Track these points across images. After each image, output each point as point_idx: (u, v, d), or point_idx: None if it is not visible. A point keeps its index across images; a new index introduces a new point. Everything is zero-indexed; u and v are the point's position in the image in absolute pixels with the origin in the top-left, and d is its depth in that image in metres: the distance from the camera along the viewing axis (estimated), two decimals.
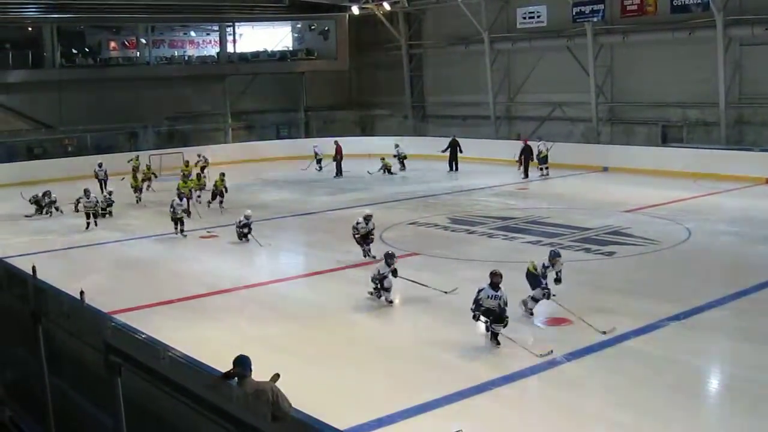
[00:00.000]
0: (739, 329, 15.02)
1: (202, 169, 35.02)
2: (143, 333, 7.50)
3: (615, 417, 11.15)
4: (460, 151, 39.77)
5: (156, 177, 35.26)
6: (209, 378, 5.74)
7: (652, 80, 37.53)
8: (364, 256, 20.52)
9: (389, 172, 38.62)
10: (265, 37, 51.04)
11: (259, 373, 8.58)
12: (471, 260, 20.13)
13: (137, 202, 31.48)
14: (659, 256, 20.66)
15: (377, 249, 20.91)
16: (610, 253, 20.90)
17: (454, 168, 39.73)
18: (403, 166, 39.57)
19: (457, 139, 40.27)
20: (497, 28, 43.65)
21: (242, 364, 8.29)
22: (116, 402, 6.12)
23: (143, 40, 47.11)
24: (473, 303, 14.07)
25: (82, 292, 8.31)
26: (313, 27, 51.51)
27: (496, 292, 13.93)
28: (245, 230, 23.23)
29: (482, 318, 14.08)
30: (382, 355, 14.05)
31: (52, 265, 20.71)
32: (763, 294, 16.68)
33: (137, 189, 31.99)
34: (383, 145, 42.44)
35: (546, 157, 36.20)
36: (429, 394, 11.78)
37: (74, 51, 45.08)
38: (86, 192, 26.88)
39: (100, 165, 33.80)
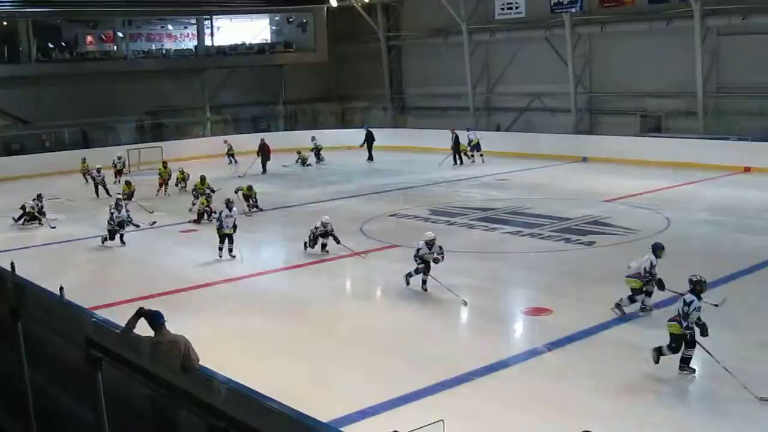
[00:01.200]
0: (718, 317, 15.07)
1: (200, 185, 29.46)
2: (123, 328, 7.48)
3: (596, 406, 11.20)
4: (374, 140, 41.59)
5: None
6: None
7: (630, 70, 37.61)
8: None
9: (305, 164, 39.57)
10: (243, 30, 50.80)
11: (240, 365, 8.57)
12: (452, 251, 20.14)
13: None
14: (639, 245, 20.71)
15: (357, 241, 20.96)
16: (590, 243, 20.99)
17: (370, 158, 41.00)
18: (319, 159, 40.41)
19: (371, 130, 41.90)
20: (476, 20, 43.63)
21: (155, 314, 8.98)
22: (97, 397, 6.09)
23: (120, 34, 46.82)
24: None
25: (61, 288, 8.27)
26: (291, 19, 51.34)
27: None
28: (322, 238, 20.58)
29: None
30: (363, 347, 14.05)
31: (32, 261, 20.60)
32: (742, 282, 16.80)
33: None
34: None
35: (478, 144, 38.12)
36: (411, 385, 11.80)
37: (50, 45, 44.69)
38: (118, 204, 23.09)
39: (98, 170, 32.05)
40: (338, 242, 20.19)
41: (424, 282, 16.75)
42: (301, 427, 4.60)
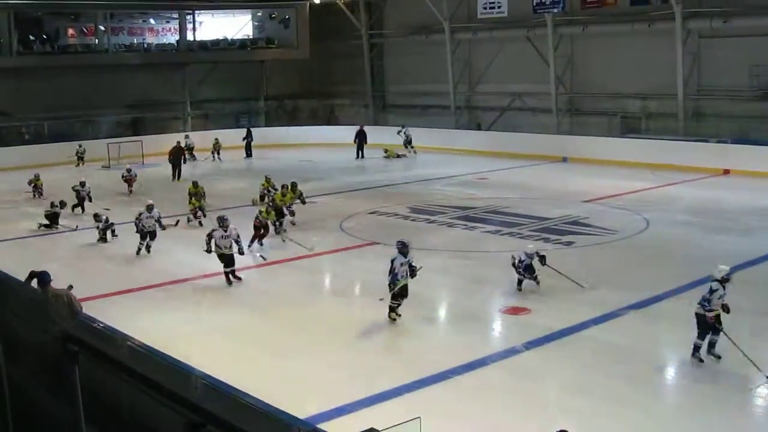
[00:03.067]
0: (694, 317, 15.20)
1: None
2: (101, 322, 7.47)
3: (573, 404, 11.26)
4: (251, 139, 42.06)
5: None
6: (165, 366, 5.73)
7: (611, 71, 37.76)
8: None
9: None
10: (225, 25, 50.61)
11: (217, 361, 8.56)
12: (431, 249, 20.17)
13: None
14: (617, 245, 20.86)
15: (336, 237, 21.00)
16: (569, 243, 21.06)
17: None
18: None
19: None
20: (458, 18, 43.66)
21: (42, 274, 10.52)
22: (74, 391, 6.08)
23: (102, 27, 46.49)
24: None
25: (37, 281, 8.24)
26: (273, 15, 51.19)
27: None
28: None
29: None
30: (341, 344, 14.05)
31: (10, 253, 20.52)
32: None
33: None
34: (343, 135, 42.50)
35: (410, 139, 40.65)
36: (388, 383, 11.84)
37: (32, 38, 44.36)
38: (149, 207, 21.37)
39: (83, 184, 28.18)
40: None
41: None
42: (278, 423, 4.61)
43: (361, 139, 41.12)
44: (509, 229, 22.93)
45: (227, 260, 17.85)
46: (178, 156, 34.55)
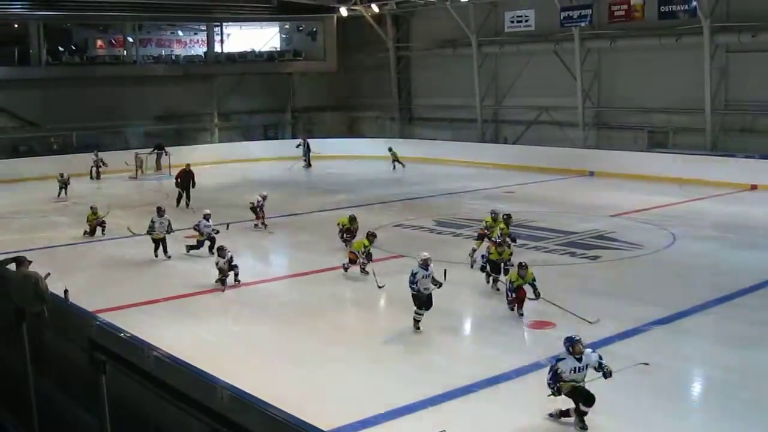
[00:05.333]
0: (722, 334, 15.12)
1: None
2: (128, 332, 7.50)
3: (598, 420, 11.19)
4: (165, 153, 40.75)
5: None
6: (190, 376, 5.76)
7: (638, 85, 37.67)
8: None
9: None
10: (253, 37, 50.98)
11: (243, 371, 8.56)
12: (456, 263, 20.14)
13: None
14: (644, 260, 20.74)
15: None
16: (595, 257, 20.97)
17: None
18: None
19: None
20: (485, 32, 43.74)
21: (18, 257, 11.35)
22: (100, 400, 6.13)
23: (130, 39, 46.96)
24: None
25: (66, 291, 8.31)
26: (301, 28, 51.49)
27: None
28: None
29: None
30: (365, 356, 14.05)
31: (37, 264, 20.62)
32: (746, 299, 16.78)
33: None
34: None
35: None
36: (412, 396, 11.81)
37: (61, 49, 44.87)
38: (160, 210, 21.87)
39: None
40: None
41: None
42: None
43: (307, 149, 42.57)
44: (535, 243, 22.86)
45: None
46: (186, 179, 30.83)
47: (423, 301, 15.15)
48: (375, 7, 46.76)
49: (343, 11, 47.80)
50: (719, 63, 34.96)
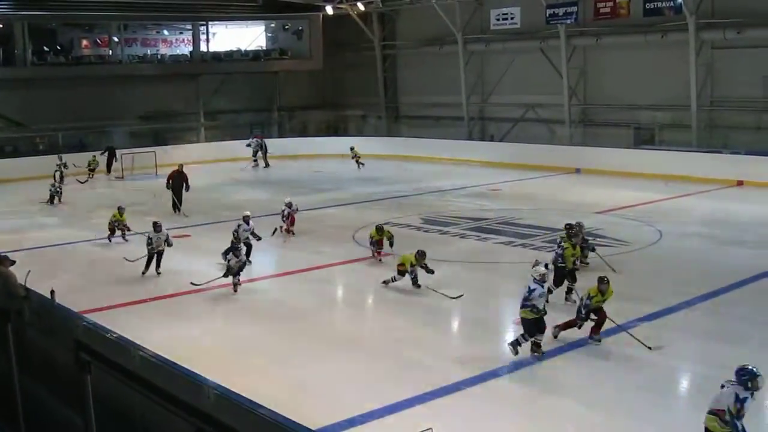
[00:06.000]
0: (709, 329, 15.16)
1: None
2: (114, 332, 7.46)
3: (586, 416, 11.22)
4: (115, 158, 39.63)
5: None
6: (177, 376, 5.73)
7: (624, 83, 37.75)
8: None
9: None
10: (239, 36, 50.85)
11: (230, 371, 8.54)
12: (444, 260, 20.13)
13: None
14: (630, 257, 20.78)
15: (348, 249, 21.00)
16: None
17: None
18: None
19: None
20: (471, 30, 43.76)
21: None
22: (86, 400, 6.10)
23: (116, 39, 46.75)
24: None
25: (52, 292, 8.27)
26: (286, 27, 51.36)
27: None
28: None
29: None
30: (353, 355, 14.04)
31: (24, 264, 20.52)
32: (733, 295, 16.84)
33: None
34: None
35: (257, 150, 42.12)
36: (401, 394, 11.80)
37: (46, 49, 44.67)
38: (156, 226, 19.93)
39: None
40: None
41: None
42: None
43: (264, 150, 42.29)
44: (522, 240, 22.90)
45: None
46: (179, 182, 28.85)
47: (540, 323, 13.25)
48: (361, 6, 46.69)
49: (329, 10, 47.75)
50: (705, 59, 35.04)
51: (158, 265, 19.85)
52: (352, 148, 40.94)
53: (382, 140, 45.17)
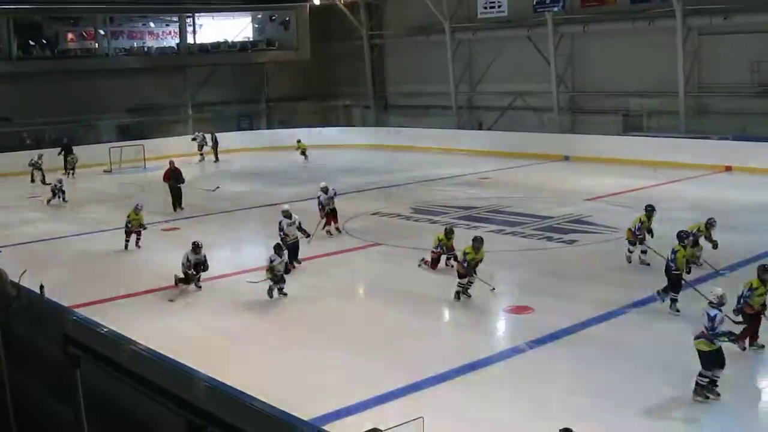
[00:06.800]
0: (696, 315, 15.15)
1: None
2: (104, 326, 7.44)
3: (577, 402, 11.24)
4: (72, 155, 38.55)
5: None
6: (167, 369, 5.71)
7: (612, 70, 37.74)
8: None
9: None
10: (226, 28, 50.59)
11: (221, 363, 8.53)
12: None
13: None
14: (620, 244, 20.79)
15: (340, 240, 20.99)
16: (572, 242, 21.03)
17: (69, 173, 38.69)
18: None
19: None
20: (458, 18, 43.68)
21: None
22: (75, 395, 6.07)
23: (102, 32, 46.46)
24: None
25: (42, 286, 8.23)
26: (273, 17, 51.15)
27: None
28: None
29: None
30: (345, 345, 14.05)
31: (13, 258, 20.48)
32: (724, 281, 16.83)
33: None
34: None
35: (203, 145, 42.00)
36: (392, 383, 11.82)
37: (31, 43, 44.39)
38: (196, 248, 17.81)
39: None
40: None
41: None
42: (281, 424, 4.59)
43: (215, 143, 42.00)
44: (512, 228, 22.92)
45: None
46: (176, 179, 27.63)
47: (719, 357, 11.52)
48: None
49: (316, 0, 47.63)
50: (692, 46, 35.11)
51: (199, 282, 17.85)
52: (298, 141, 41.05)
53: (371, 130, 45.14)
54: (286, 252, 17.35)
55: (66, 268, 20.41)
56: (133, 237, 21.65)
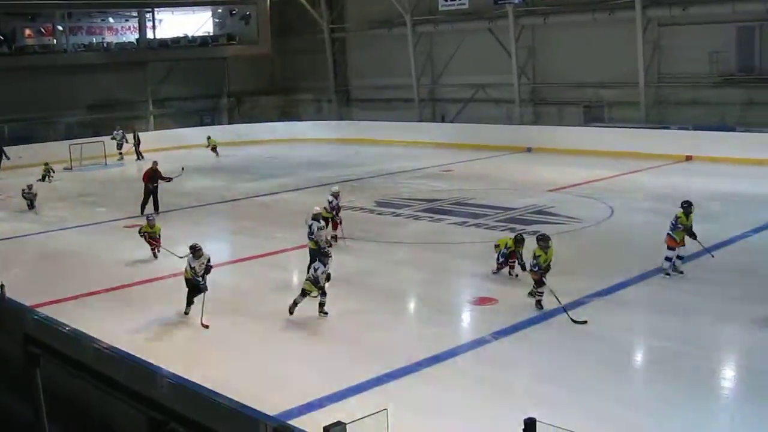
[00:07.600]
0: (660, 303, 15.32)
1: None
2: (66, 325, 7.37)
3: (543, 392, 11.29)
4: (5, 156, 38.40)
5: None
6: (130, 366, 5.68)
7: (573, 61, 37.94)
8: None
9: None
10: (186, 22, 50.22)
11: (184, 359, 8.51)
12: (398, 243, 20.17)
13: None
14: (583, 234, 20.97)
15: (304, 234, 20.93)
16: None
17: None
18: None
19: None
20: (419, 11, 43.70)
21: None
22: (35, 394, 6.02)
23: (60, 27, 45.97)
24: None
25: (2, 285, 8.14)
26: (234, 12, 50.86)
27: None
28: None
29: None
30: (309, 339, 14.05)
31: None
32: (684, 269, 16.97)
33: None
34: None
35: (123, 144, 40.93)
36: (357, 377, 11.82)
37: None
38: (196, 251, 15.83)
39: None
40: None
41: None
42: (245, 419, 4.58)
43: (136, 141, 41.36)
44: (475, 220, 22.98)
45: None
46: (154, 180, 26.22)
47: None
48: None
49: None
50: (652, 37, 35.40)
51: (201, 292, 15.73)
52: (208, 138, 41.00)
53: (333, 124, 45.09)
54: (330, 260, 15.39)
55: (27, 266, 20.21)
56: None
